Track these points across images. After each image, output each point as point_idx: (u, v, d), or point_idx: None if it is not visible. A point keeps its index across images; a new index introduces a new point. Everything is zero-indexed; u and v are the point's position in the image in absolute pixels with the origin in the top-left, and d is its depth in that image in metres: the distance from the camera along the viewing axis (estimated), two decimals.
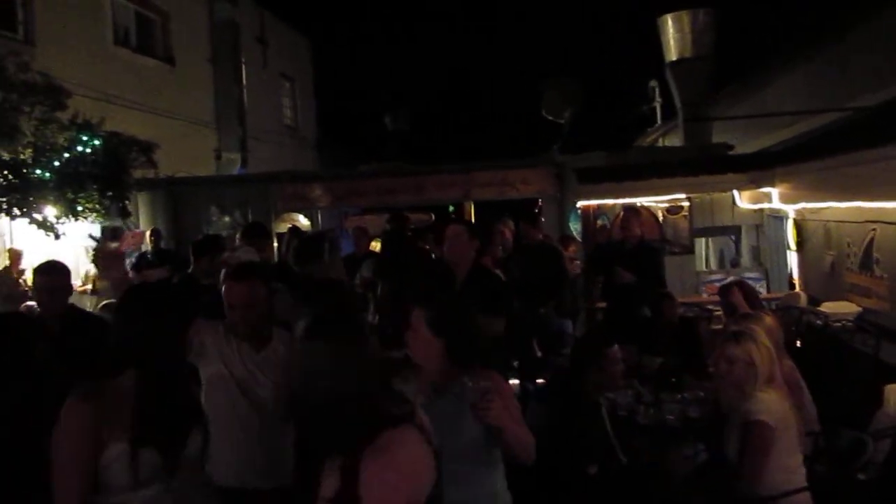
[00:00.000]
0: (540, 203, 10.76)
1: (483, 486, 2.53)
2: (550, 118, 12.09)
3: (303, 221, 11.73)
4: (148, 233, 9.97)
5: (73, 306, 4.11)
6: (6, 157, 7.42)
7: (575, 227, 9.86)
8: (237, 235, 7.52)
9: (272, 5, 18.06)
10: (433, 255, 6.31)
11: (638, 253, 6.58)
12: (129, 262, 9.86)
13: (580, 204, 9.21)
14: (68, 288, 4.04)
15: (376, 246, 9.46)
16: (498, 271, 5.37)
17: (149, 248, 9.83)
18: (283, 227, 9.18)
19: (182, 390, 2.42)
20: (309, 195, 10.72)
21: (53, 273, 3.89)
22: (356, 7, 21.18)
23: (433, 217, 13.68)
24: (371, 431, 1.80)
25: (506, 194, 10.38)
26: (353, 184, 10.84)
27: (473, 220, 10.53)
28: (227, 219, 10.47)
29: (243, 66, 15.94)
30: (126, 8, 13.18)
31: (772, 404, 3.39)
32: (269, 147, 17.12)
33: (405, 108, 22.70)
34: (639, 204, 8.60)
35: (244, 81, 15.89)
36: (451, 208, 12.92)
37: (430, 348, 2.56)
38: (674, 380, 5.01)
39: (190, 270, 5.25)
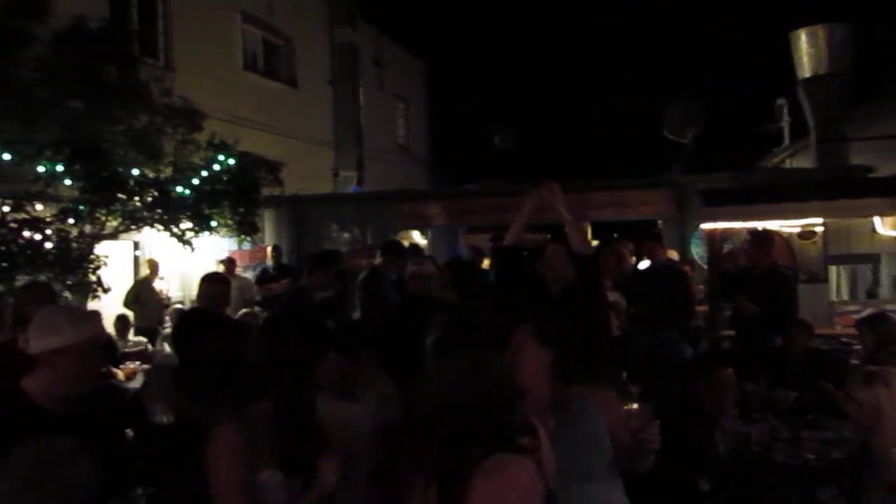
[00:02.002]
0: (660, 225, 10.46)
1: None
2: (672, 138, 11.79)
3: (418, 239, 11.91)
4: (270, 248, 10.41)
5: (228, 318, 4.42)
6: (150, 175, 7.94)
7: (696, 251, 9.52)
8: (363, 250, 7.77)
9: (389, 29, 18.60)
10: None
11: (769, 280, 6.26)
12: (252, 275, 10.35)
13: (704, 227, 8.88)
14: (227, 297, 4.35)
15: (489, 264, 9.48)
16: (616, 293, 5.24)
17: (270, 262, 10.27)
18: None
19: (313, 417, 2.49)
20: (425, 213, 10.89)
21: (216, 283, 4.23)
22: (470, 29, 21.46)
23: (549, 237, 13.54)
24: (486, 453, 1.75)
25: (623, 215, 10.17)
26: (468, 202, 10.92)
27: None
28: (346, 235, 10.78)
29: (361, 88, 16.47)
30: (254, 35, 13.90)
31: None
32: (383, 166, 17.55)
33: (514, 128, 22.82)
34: (762, 228, 8.20)
35: (361, 102, 16.40)
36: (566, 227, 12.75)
37: (540, 365, 2.42)
38: (811, 416, 4.75)
39: (303, 283, 5.41)
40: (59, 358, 2.22)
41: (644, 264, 7.65)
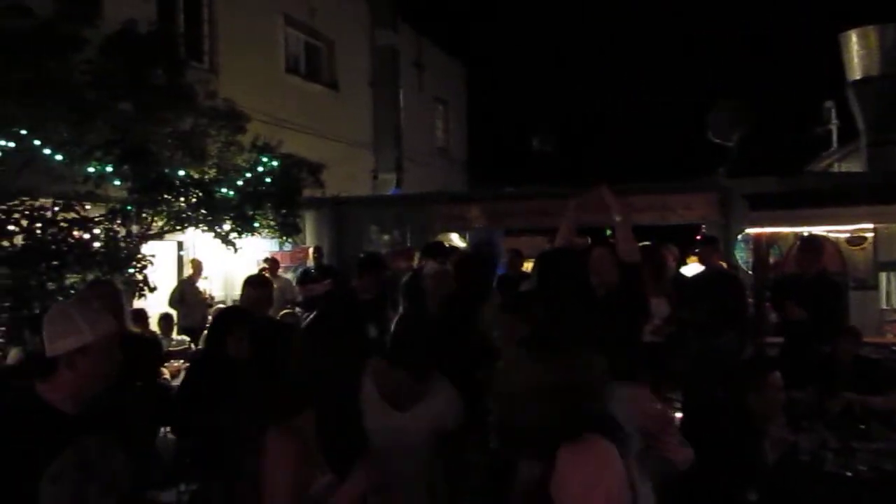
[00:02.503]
0: (703, 229, 10.28)
1: None
2: (717, 141, 11.58)
3: (458, 242, 11.90)
4: (311, 249, 10.50)
5: (271, 318, 4.45)
6: (195, 176, 8.07)
7: (740, 256, 9.34)
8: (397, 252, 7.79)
9: (429, 31, 18.66)
10: None
11: (817, 287, 6.11)
12: (293, 276, 10.46)
13: (750, 231, 8.71)
14: (269, 299, 4.39)
15: (529, 267, 9.41)
16: (660, 298, 5.17)
17: (311, 263, 10.37)
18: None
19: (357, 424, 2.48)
20: (464, 215, 10.88)
21: (258, 286, 4.25)
22: (510, 31, 21.41)
23: (589, 240, 13.46)
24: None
25: (666, 219, 10.01)
26: (508, 204, 10.88)
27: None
28: (386, 237, 10.83)
29: (400, 90, 16.54)
30: (296, 38, 14.06)
31: None
32: (422, 168, 17.61)
33: (553, 130, 22.69)
34: (811, 233, 8.02)
35: (401, 105, 16.48)
36: (607, 232, 12.66)
37: None
38: (862, 427, 4.63)
39: (352, 286, 5.46)
40: (79, 358, 2.12)
41: (690, 269, 7.54)
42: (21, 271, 6.24)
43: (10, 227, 6.40)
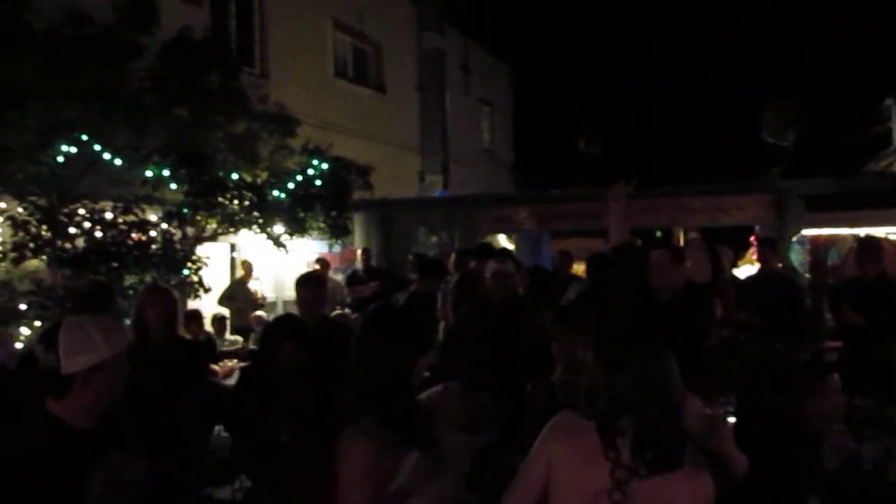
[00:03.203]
0: (757, 231, 10.07)
1: None
2: (771, 141, 11.31)
3: (506, 243, 11.88)
4: (359, 251, 10.60)
5: (326, 317, 4.50)
6: (248, 179, 8.22)
7: (795, 258, 9.11)
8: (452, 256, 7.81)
9: (475, 34, 18.67)
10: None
11: (877, 289, 5.91)
12: (341, 277, 10.57)
13: (806, 233, 8.50)
14: (323, 298, 4.43)
15: (579, 269, 9.35)
16: (715, 299, 5.07)
17: (359, 265, 10.46)
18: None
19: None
20: (514, 217, 10.85)
21: (312, 285, 4.29)
22: (556, 32, 21.26)
23: (639, 242, 13.31)
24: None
25: (718, 220, 9.83)
26: (558, 206, 10.82)
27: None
28: (433, 239, 10.87)
29: (447, 93, 16.59)
30: (345, 42, 14.21)
31: None
32: (468, 170, 17.63)
33: (600, 131, 22.45)
34: (869, 235, 7.77)
35: (447, 107, 16.52)
36: (657, 233, 12.49)
37: None
38: None
39: (413, 289, 5.50)
40: (94, 375, 2.04)
41: (743, 271, 7.39)
42: (83, 272, 6.44)
43: (73, 230, 6.61)
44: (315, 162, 8.82)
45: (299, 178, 8.67)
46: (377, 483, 2.15)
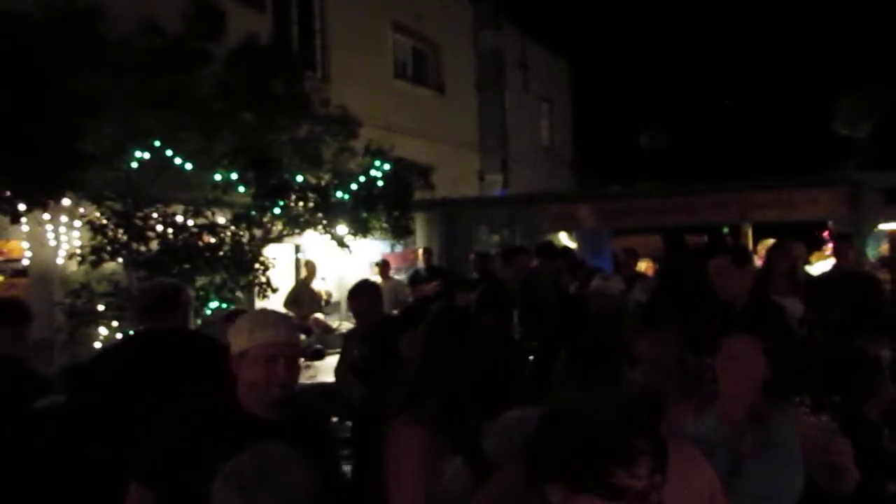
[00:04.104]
0: (830, 226, 9.72)
1: None
2: (845, 133, 10.90)
3: (567, 241, 11.78)
4: (421, 251, 10.66)
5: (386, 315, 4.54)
6: (312, 181, 8.36)
7: (872, 254, 8.76)
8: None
9: (533, 31, 18.52)
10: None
11: None
12: (403, 277, 10.64)
13: (884, 227, 8.16)
14: (375, 306, 4.46)
15: (642, 267, 9.20)
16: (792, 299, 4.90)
17: (421, 265, 10.52)
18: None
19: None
20: (575, 215, 10.75)
21: (362, 296, 4.36)
22: (615, 25, 20.90)
23: (706, 239, 13.02)
24: None
25: (789, 216, 9.52)
26: (620, 204, 10.67)
27: (751, 244, 9.79)
28: (495, 237, 10.85)
29: (505, 91, 16.54)
30: (404, 43, 14.32)
31: None
32: (527, 168, 17.53)
33: (663, 126, 21.99)
34: None
35: (506, 105, 16.47)
36: (724, 230, 12.18)
37: (756, 380, 2.43)
38: None
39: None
40: (240, 363, 2.24)
41: (816, 268, 7.14)
42: (157, 274, 6.64)
43: (147, 233, 6.84)
44: (377, 163, 8.90)
45: (362, 179, 8.76)
46: (427, 475, 2.14)
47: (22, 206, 6.01)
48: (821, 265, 7.79)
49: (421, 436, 2.16)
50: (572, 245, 11.45)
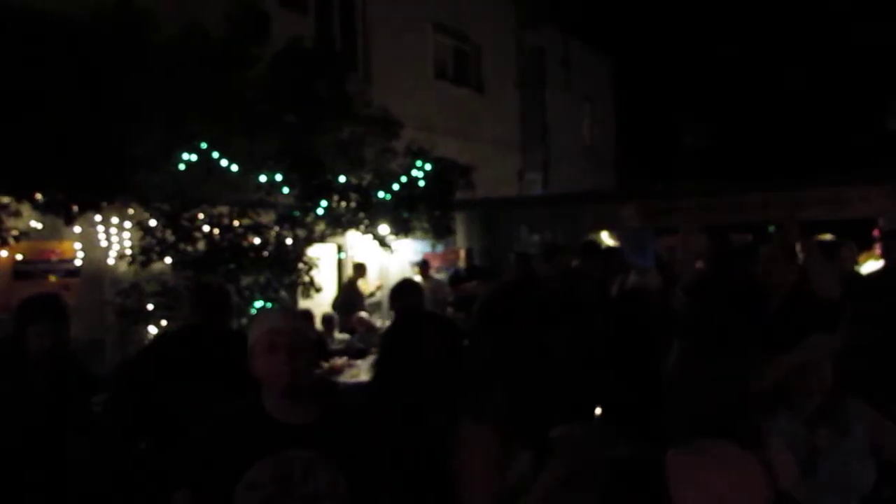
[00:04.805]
0: (880, 223, 9.44)
1: None
2: None
3: (609, 241, 11.67)
4: (462, 251, 10.67)
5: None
6: (354, 181, 8.44)
7: None
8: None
9: (575, 29, 18.37)
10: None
11: None
12: (445, 276, 10.67)
13: None
14: (420, 306, 4.51)
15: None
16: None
17: (462, 265, 10.53)
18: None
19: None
20: (618, 214, 10.64)
21: (403, 297, 4.38)
22: (658, 21, 20.63)
23: (751, 237, 12.76)
24: None
25: (839, 213, 9.25)
26: (665, 202, 10.51)
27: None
28: (536, 237, 10.80)
29: (547, 90, 16.45)
30: (445, 43, 14.33)
31: None
32: (569, 167, 17.40)
33: (707, 123, 21.63)
34: None
35: (547, 104, 16.38)
36: (770, 228, 11.92)
37: (829, 379, 2.43)
38: None
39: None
40: (253, 364, 2.15)
41: (867, 267, 6.94)
42: (204, 274, 6.78)
43: (195, 234, 6.98)
44: (418, 163, 8.95)
45: (403, 179, 8.82)
46: (498, 475, 2.13)
47: (75, 209, 6.20)
48: (870, 265, 7.57)
49: (491, 435, 2.14)
50: (614, 244, 11.34)
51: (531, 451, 2.14)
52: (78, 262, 7.22)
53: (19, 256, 6.75)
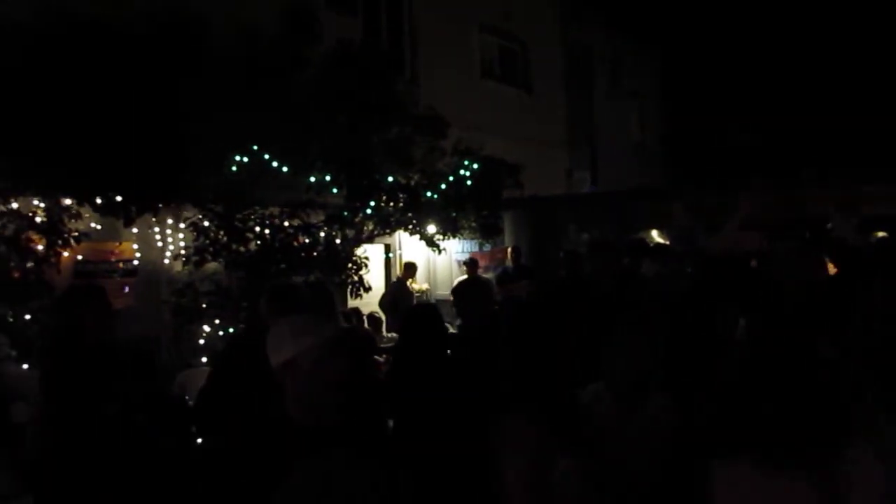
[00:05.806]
0: None
1: None
2: None
3: (659, 239, 11.48)
4: (510, 250, 10.62)
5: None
6: (402, 181, 8.48)
7: None
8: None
9: (623, 25, 18.10)
10: None
11: None
12: (492, 276, 10.63)
13: None
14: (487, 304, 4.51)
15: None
16: None
17: (510, 264, 10.48)
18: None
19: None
20: (667, 212, 10.46)
21: (467, 293, 4.39)
22: (707, 18, 20.15)
23: (806, 234, 12.41)
24: None
25: None
26: (715, 199, 10.30)
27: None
28: (584, 236, 10.68)
29: (594, 87, 16.26)
30: (491, 43, 14.28)
31: None
32: (616, 164, 17.17)
33: (760, 119, 21.08)
34: None
35: (595, 101, 16.20)
36: (829, 225, 11.58)
37: None
38: None
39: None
40: (286, 371, 2.12)
41: None
42: (255, 274, 6.90)
43: (247, 234, 7.10)
44: (466, 163, 8.94)
45: (451, 178, 8.82)
46: (539, 475, 2.12)
47: (133, 210, 6.37)
48: None
49: (532, 435, 2.16)
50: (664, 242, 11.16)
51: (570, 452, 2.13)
52: (135, 263, 7.41)
53: (80, 257, 6.97)
